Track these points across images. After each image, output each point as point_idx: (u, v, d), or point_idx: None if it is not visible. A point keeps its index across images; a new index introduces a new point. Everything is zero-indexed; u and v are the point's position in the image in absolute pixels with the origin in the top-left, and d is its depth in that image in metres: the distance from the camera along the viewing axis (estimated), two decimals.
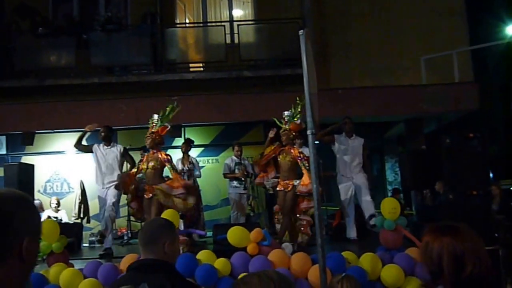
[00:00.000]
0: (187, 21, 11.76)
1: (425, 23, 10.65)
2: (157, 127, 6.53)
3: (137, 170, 6.67)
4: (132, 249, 7.30)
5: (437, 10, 10.75)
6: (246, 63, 10.48)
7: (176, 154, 8.56)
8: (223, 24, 10.81)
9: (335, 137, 7.62)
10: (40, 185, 10.29)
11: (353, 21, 10.81)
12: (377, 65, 10.45)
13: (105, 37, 10.23)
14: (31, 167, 8.65)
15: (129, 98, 9.69)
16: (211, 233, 7.27)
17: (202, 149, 10.70)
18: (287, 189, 6.52)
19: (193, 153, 9.41)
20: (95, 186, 7.47)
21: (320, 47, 10.19)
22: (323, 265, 3.49)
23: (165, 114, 6.53)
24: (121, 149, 7.26)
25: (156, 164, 6.50)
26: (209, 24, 11.28)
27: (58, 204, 9.19)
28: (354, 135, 7.66)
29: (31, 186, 8.35)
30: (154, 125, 6.54)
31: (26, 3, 10.69)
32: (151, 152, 6.61)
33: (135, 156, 7.69)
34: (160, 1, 10.68)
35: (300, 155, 6.52)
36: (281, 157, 6.65)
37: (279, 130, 6.71)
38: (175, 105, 6.55)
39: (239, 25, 10.71)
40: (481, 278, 1.75)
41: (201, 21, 11.48)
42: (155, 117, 6.56)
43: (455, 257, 1.78)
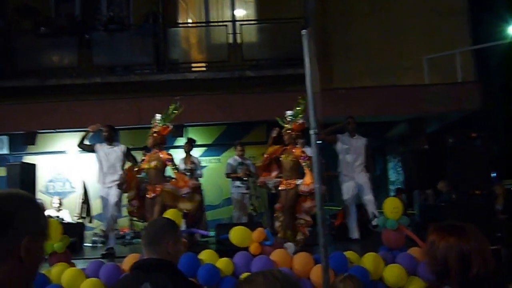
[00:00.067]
0: (190, 20, 11.76)
1: (427, 23, 10.65)
2: (159, 127, 6.52)
3: (138, 169, 6.66)
4: (134, 248, 7.27)
5: (439, 9, 10.74)
6: (248, 63, 10.48)
7: (178, 154, 8.56)
8: (225, 24, 10.80)
9: (337, 137, 7.62)
10: (42, 184, 10.30)
11: (355, 20, 10.81)
12: (379, 64, 10.44)
13: (107, 37, 10.25)
14: (33, 167, 8.64)
15: (131, 98, 9.70)
16: (214, 233, 7.26)
17: (204, 149, 10.69)
18: (290, 188, 6.51)
19: (196, 153, 9.39)
20: (97, 185, 7.46)
21: (322, 47, 10.17)
22: (326, 265, 3.48)
23: (168, 114, 6.52)
24: (124, 149, 7.24)
25: (158, 163, 6.49)
26: (211, 24, 11.28)
27: (60, 204, 9.19)
28: (356, 135, 7.65)
29: (33, 185, 8.34)
30: (156, 124, 6.54)
31: (28, 3, 10.69)
32: (153, 151, 6.61)
33: (138, 156, 7.68)
34: (162, 0, 10.69)
35: (302, 154, 6.51)
36: (283, 156, 6.63)
37: (281, 129, 6.70)
38: (177, 105, 6.54)
39: (241, 25, 10.72)
40: (487, 278, 1.74)
41: (204, 20, 11.47)
42: (158, 117, 6.55)
43: (462, 257, 1.77)
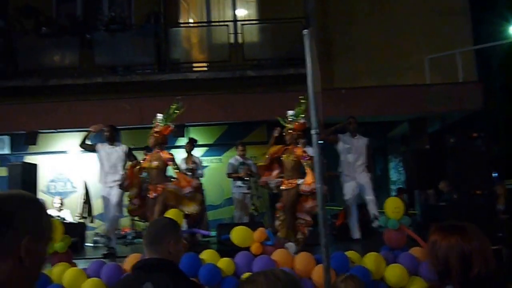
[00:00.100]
0: (191, 20, 11.76)
1: (428, 23, 10.63)
2: (160, 127, 6.52)
3: (139, 168, 6.66)
4: (135, 248, 7.27)
5: (440, 9, 10.72)
6: (249, 62, 10.47)
7: (179, 153, 8.56)
8: (226, 23, 10.79)
9: (339, 137, 7.62)
10: (43, 184, 10.32)
11: (356, 21, 10.81)
12: (380, 64, 10.44)
13: (108, 37, 10.25)
14: (34, 167, 8.65)
15: (133, 97, 9.70)
16: (215, 233, 7.26)
17: (205, 148, 10.70)
18: (291, 188, 6.50)
19: (197, 152, 9.39)
20: (99, 185, 7.45)
21: (323, 47, 10.17)
22: (327, 265, 3.48)
23: (169, 113, 6.51)
24: (125, 149, 7.23)
25: (159, 163, 6.49)
26: (212, 23, 11.27)
27: (61, 203, 9.20)
28: (358, 135, 7.65)
29: (34, 185, 8.35)
30: (157, 124, 6.53)
31: (29, 3, 10.69)
32: (154, 151, 6.61)
33: (139, 156, 7.68)
34: (163, 0, 10.69)
35: (303, 154, 6.51)
36: (285, 156, 6.63)
37: (283, 129, 6.70)
38: (179, 105, 6.53)
39: (242, 25, 10.71)
40: (488, 278, 1.74)
41: (205, 20, 11.47)
42: (159, 116, 6.55)
43: (463, 257, 1.77)
